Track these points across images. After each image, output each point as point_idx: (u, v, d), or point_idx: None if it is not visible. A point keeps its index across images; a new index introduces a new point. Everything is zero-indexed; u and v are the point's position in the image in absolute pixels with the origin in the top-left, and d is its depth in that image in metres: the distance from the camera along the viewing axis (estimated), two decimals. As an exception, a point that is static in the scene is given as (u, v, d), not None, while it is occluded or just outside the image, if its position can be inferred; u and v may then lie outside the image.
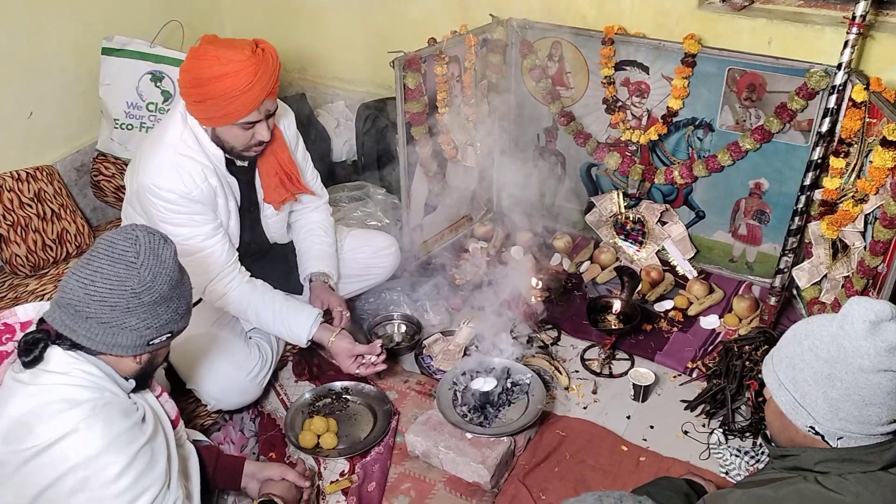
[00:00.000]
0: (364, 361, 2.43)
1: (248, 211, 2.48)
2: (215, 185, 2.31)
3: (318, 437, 2.39)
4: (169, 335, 1.71)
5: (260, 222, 2.54)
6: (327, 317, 2.54)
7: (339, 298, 2.60)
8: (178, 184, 2.22)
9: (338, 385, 2.60)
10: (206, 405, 2.46)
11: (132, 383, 1.72)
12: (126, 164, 3.30)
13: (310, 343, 2.45)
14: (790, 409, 1.50)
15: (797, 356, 1.49)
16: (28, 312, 1.76)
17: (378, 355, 2.44)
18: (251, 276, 2.44)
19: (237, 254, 2.42)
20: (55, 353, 1.61)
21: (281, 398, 2.61)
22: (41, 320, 1.66)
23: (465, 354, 2.69)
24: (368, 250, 2.81)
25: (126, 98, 3.28)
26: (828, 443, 1.47)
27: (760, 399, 2.12)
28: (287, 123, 2.52)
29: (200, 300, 2.45)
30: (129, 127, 3.31)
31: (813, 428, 1.47)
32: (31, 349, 1.60)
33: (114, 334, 1.61)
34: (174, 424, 1.87)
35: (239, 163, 2.38)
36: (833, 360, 1.43)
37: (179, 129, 2.26)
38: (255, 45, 2.19)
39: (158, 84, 3.29)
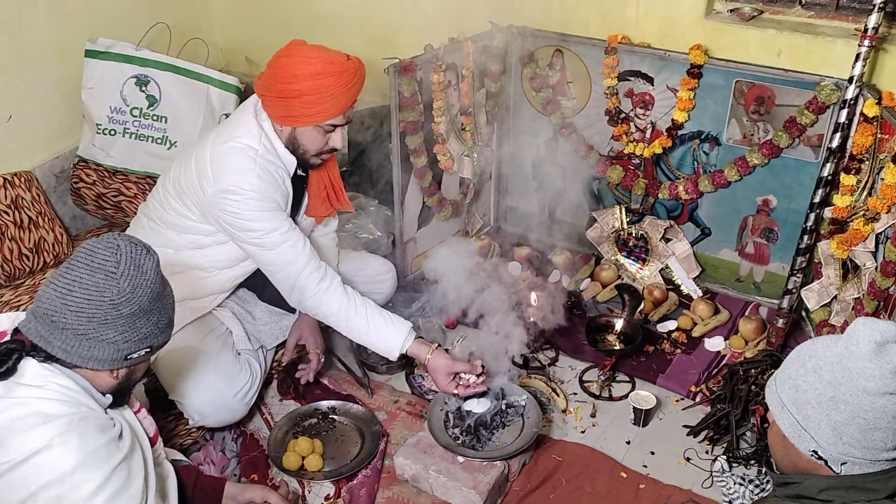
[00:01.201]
0: (462, 381, 2.44)
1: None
2: (288, 190, 2.42)
3: (303, 458, 2.40)
4: (148, 350, 1.72)
5: None
6: (303, 352, 2.62)
7: (320, 341, 2.68)
8: (263, 185, 2.31)
9: (324, 404, 2.61)
10: (187, 423, 2.47)
11: (109, 398, 1.73)
12: (108, 171, 3.33)
13: (402, 357, 2.48)
14: (793, 432, 1.51)
15: (800, 377, 1.51)
16: (2, 323, 1.76)
17: (479, 375, 2.45)
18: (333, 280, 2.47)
19: (317, 254, 2.46)
20: (30, 366, 1.61)
21: (265, 417, 2.62)
22: (16, 331, 1.67)
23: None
24: (364, 276, 2.83)
25: (109, 102, 3.31)
26: (831, 468, 1.48)
27: (765, 424, 2.13)
28: None
29: (192, 321, 2.48)
30: (112, 132, 3.33)
31: (816, 452, 1.48)
32: (4, 360, 1.60)
33: (90, 347, 1.62)
34: (152, 442, 1.87)
35: (300, 172, 2.46)
36: (837, 381, 1.44)
37: (256, 133, 2.35)
38: (346, 55, 2.33)
39: (144, 88, 3.31)
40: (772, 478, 1.61)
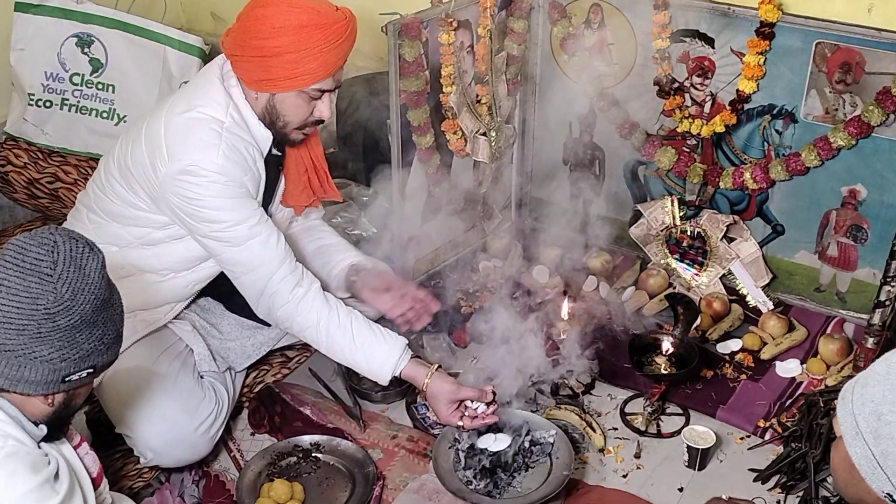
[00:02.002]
0: (469, 411, 2.44)
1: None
2: (260, 173, 2.43)
3: (280, 506, 2.41)
4: (91, 371, 1.72)
5: None
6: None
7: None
8: (230, 165, 2.31)
9: (306, 440, 2.62)
10: (137, 461, 2.48)
11: (44, 430, 1.73)
12: (43, 152, 3.35)
13: (396, 380, 2.50)
14: (866, 467, 1.53)
15: (886, 403, 1.51)
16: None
17: (489, 403, 2.45)
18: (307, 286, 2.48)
19: (293, 253, 2.47)
20: (-54, 390, 1.63)
21: (233, 455, 2.63)
22: (-71, 347, 1.69)
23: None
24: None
25: (44, 67, 3.33)
26: None
27: (813, 420, 2.13)
28: None
29: (143, 335, 2.49)
30: (48, 104, 3.35)
31: (891, 496, 1.50)
32: (-84, 383, 1.62)
33: (20, 366, 1.63)
34: (96, 484, 1.88)
35: (275, 151, 2.48)
36: None
37: (222, 103, 2.35)
38: (335, 6, 2.33)
39: (87, 50, 3.34)
40: None
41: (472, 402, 2.44)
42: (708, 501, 2.03)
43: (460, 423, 2.43)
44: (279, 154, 2.52)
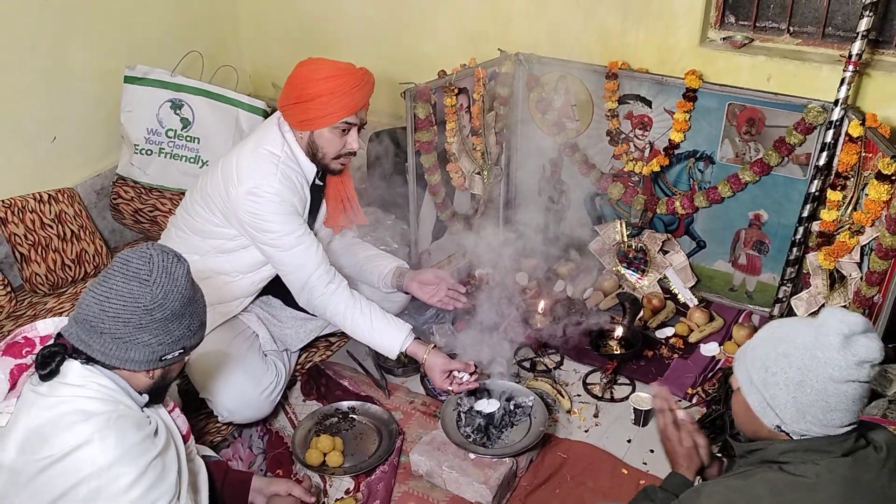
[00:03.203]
0: (457, 379, 2.46)
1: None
2: (306, 197, 2.45)
3: (325, 455, 2.39)
4: (181, 351, 1.72)
5: None
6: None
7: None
8: (283, 189, 2.34)
9: (345, 405, 2.60)
10: (216, 421, 2.48)
11: (145, 398, 1.73)
12: (145, 189, 3.36)
13: (403, 355, 2.51)
14: (759, 408, 1.57)
15: (770, 360, 1.54)
16: (47, 327, 1.78)
17: (471, 374, 2.47)
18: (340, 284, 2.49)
19: (328, 259, 2.48)
20: (73, 367, 1.62)
21: (289, 416, 2.61)
22: (59, 335, 1.68)
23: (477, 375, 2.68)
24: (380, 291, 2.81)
25: (146, 124, 3.33)
26: (790, 436, 1.54)
27: (727, 387, 2.14)
28: None
29: (220, 324, 2.49)
30: (149, 152, 3.35)
31: (779, 427, 1.54)
32: (48, 362, 1.61)
33: (127, 349, 1.62)
34: (185, 439, 1.87)
35: (318, 181, 2.50)
36: (805, 368, 1.49)
37: (279, 141, 2.39)
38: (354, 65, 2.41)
39: (178, 111, 3.34)
40: (736, 448, 1.67)
41: (458, 372, 2.46)
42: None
43: (450, 388, 2.45)
44: (321, 184, 2.53)
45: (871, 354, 1.46)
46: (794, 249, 2.70)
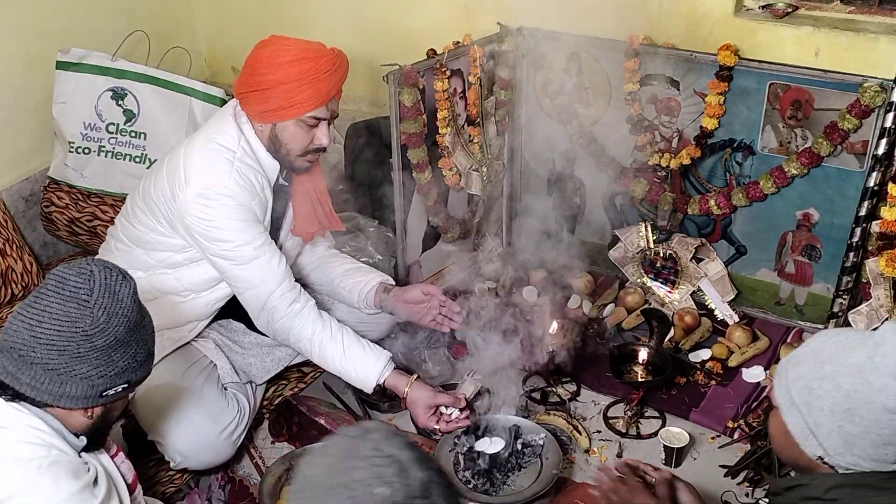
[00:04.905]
0: (444, 416, 2.47)
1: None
2: (268, 199, 2.45)
3: (298, 507, 2.39)
4: (125, 385, 1.73)
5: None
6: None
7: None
8: (239, 190, 2.34)
9: (321, 447, 2.60)
10: (168, 468, 2.48)
11: (83, 441, 1.73)
12: (82, 193, 3.36)
13: (378, 389, 2.51)
14: (800, 435, 1.56)
15: (815, 381, 1.53)
16: (-35, 359, 1.78)
17: (462, 409, 2.47)
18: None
19: (292, 274, 2.49)
20: (-5, 405, 1.63)
21: (255, 462, 2.61)
22: (-20, 367, 1.69)
23: (469, 411, 2.69)
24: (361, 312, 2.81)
25: (83, 118, 3.35)
26: (835, 469, 1.53)
27: (766, 405, 2.14)
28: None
29: (171, 352, 2.49)
30: (86, 151, 3.36)
31: (822, 458, 1.52)
32: (-32, 399, 1.62)
33: (62, 383, 1.63)
34: (131, 489, 1.88)
35: (282, 181, 2.50)
36: (856, 393, 1.47)
37: (235, 134, 2.39)
38: (324, 45, 2.39)
39: (121, 102, 3.35)
40: (771, 484, 1.70)
41: (447, 407, 2.46)
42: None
43: (437, 427, 2.45)
44: (286, 184, 2.54)
45: None
46: (851, 255, 2.71)
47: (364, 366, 2.46)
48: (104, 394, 1.68)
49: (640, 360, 2.90)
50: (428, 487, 1.21)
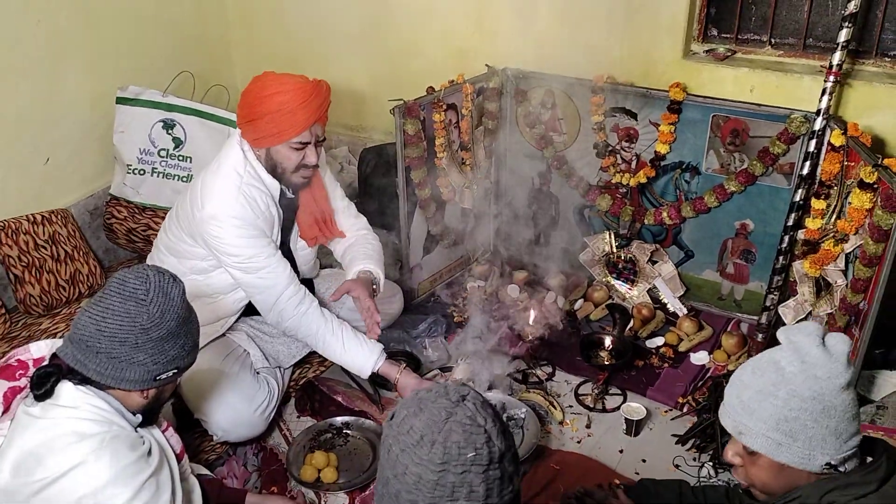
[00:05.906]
0: None
1: (284, 243, 2.56)
2: (273, 214, 2.43)
3: (319, 471, 2.38)
4: (175, 371, 1.72)
5: (292, 254, 2.61)
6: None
7: (372, 303, 2.52)
8: (246, 211, 2.33)
9: (339, 420, 2.60)
10: (211, 438, 2.47)
11: (139, 418, 1.73)
12: (138, 208, 3.36)
13: (374, 376, 2.52)
14: (801, 459, 1.44)
15: (782, 410, 1.43)
16: (41, 349, 1.78)
17: None
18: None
19: (297, 278, 2.47)
20: (66, 388, 1.63)
21: (283, 433, 2.61)
22: (54, 356, 1.69)
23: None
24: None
25: (139, 145, 3.34)
26: (840, 470, 1.44)
27: (717, 396, 2.06)
28: (324, 172, 2.67)
29: (215, 340, 2.48)
30: (142, 172, 3.36)
31: (829, 464, 1.43)
32: (43, 383, 1.62)
33: (122, 369, 1.63)
34: (179, 458, 1.88)
35: (289, 195, 2.48)
36: (819, 393, 1.41)
37: (241, 160, 2.37)
38: (310, 78, 2.36)
39: (170, 131, 3.35)
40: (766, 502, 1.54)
41: None
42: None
43: None
44: (293, 197, 2.52)
45: (846, 344, 1.43)
46: (781, 258, 2.72)
47: (360, 357, 2.47)
48: (157, 378, 1.68)
49: (606, 347, 2.90)
50: (504, 455, 1.24)
